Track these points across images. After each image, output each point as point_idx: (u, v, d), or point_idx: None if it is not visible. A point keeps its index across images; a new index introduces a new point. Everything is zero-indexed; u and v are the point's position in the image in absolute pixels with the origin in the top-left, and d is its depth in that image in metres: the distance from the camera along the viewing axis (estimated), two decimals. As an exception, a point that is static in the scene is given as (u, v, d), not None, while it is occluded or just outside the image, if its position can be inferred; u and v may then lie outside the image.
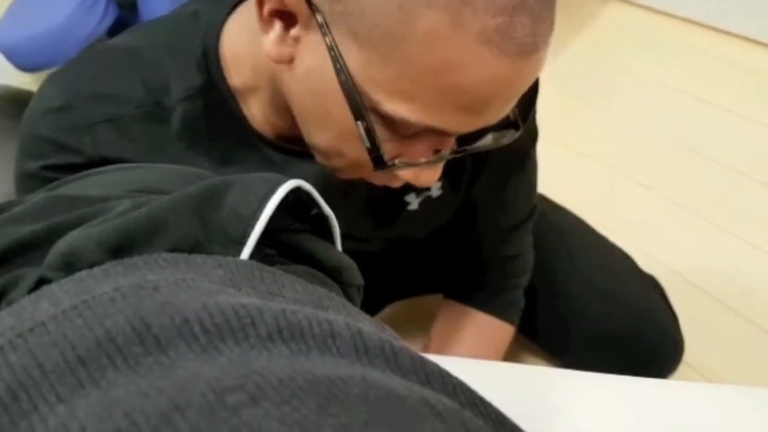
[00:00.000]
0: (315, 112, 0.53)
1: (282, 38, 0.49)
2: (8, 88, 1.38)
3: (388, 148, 0.51)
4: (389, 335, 0.28)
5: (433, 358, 0.28)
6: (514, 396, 0.43)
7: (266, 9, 0.48)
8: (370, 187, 0.59)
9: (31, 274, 0.32)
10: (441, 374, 0.25)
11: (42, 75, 1.50)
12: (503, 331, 0.89)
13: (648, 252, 1.12)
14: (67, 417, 0.21)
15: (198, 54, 0.58)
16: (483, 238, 0.84)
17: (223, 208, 0.35)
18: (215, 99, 0.59)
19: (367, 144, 0.49)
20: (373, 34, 0.44)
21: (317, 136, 0.55)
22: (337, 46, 0.46)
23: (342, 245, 0.43)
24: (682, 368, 0.95)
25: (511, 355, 0.92)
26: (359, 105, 0.48)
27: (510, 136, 0.55)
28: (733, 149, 1.46)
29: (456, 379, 0.26)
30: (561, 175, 1.12)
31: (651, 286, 0.96)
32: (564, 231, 0.98)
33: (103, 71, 0.59)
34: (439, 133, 0.50)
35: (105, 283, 0.28)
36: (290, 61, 0.50)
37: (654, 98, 1.65)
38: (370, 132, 0.49)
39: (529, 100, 0.68)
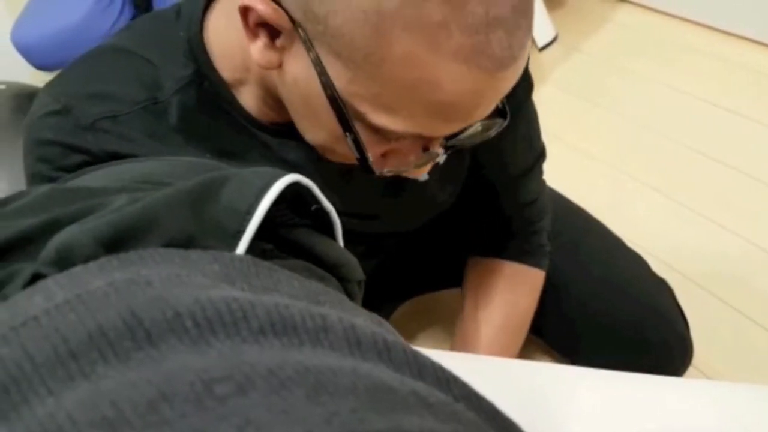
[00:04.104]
0: (306, 115, 0.54)
1: (268, 47, 0.50)
2: (14, 84, 1.39)
3: (376, 149, 0.52)
4: (384, 330, 0.28)
5: (432, 354, 0.27)
6: (513, 391, 0.42)
7: (251, 20, 0.49)
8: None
9: (26, 270, 0.32)
10: (434, 368, 0.25)
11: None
12: (534, 276, 0.88)
13: (655, 254, 1.11)
14: (55, 407, 0.21)
15: (184, 46, 0.59)
16: (496, 192, 0.83)
17: (219, 203, 0.35)
18: (207, 88, 0.59)
19: (357, 154, 0.51)
20: (355, 56, 0.44)
21: (310, 135, 0.56)
22: (321, 62, 0.46)
23: (354, 225, 0.41)
24: (687, 370, 0.94)
25: (520, 353, 0.91)
26: (346, 118, 0.48)
27: (499, 125, 0.55)
28: (742, 152, 1.46)
29: (449, 372, 0.25)
30: (569, 177, 1.12)
31: (662, 287, 0.95)
32: (575, 228, 0.98)
33: (95, 73, 0.60)
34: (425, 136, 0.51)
35: (99, 277, 0.28)
36: (279, 66, 0.51)
37: (664, 101, 1.64)
38: (357, 142, 0.50)
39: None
